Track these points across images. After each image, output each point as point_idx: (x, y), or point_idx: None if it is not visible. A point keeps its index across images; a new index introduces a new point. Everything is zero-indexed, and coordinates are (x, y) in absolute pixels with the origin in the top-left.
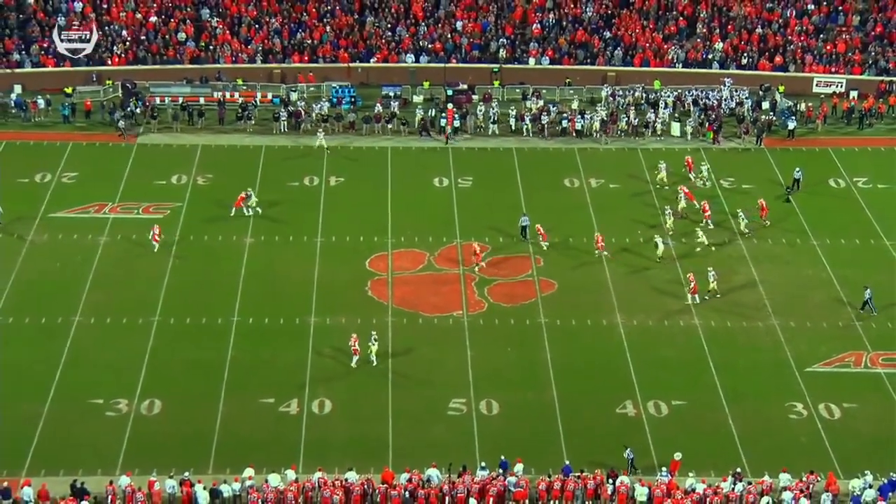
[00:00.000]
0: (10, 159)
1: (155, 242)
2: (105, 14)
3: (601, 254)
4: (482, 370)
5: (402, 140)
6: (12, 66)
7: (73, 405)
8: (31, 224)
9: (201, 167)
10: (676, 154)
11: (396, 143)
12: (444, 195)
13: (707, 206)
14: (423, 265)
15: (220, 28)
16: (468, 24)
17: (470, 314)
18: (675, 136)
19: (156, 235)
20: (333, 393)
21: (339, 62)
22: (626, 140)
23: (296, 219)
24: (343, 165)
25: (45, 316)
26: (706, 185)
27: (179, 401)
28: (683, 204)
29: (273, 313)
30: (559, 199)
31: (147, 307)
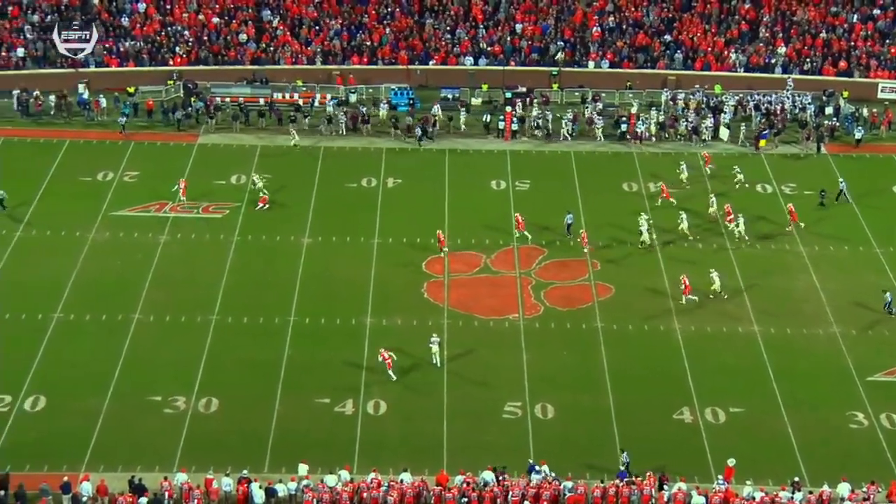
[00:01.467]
0: (74, 158)
1: (183, 197)
2: (168, 15)
3: (585, 249)
4: (538, 374)
5: (461, 142)
6: (76, 66)
7: (132, 402)
8: (92, 222)
9: (260, 167)
10: (724, 159)
11: (454, 144)
12: (502, 198)
13: (730, 208)
14: (479, 268)
15: (280, 29)
16: (528, 26)
17: (526, 317)
18: (722, 140)
19: (183, 190)
20: (388, 394)
21: (398, 64)
22: (685, 144)
23: (353, 220)
24: (401, 167)
25: (106, 313)
26: (740, 187)
27: (236, 399)
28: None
29: (329, 314)
30: (617, 203)
31: (205, 306)
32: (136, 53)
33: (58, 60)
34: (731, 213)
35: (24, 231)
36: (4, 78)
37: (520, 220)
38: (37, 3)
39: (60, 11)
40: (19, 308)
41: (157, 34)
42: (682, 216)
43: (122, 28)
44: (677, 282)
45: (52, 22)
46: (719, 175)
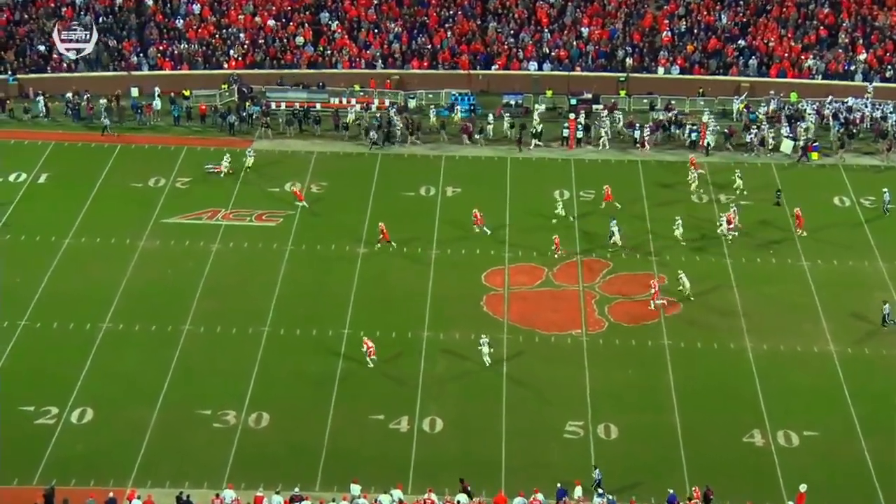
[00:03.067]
0: (125, 163)
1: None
2: (223, 17)
3: (556, 254)
4: (601, 392)
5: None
6: (130, 69)
7: (181, 415)
8: (143, 229)
9: (315, 175)
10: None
11: (516, 152)
12: (565, 208)
13: (732, 216)
14: (541, 281)
15: (338, 32)
16: (595, 30)
17: (589, 333)
18: (784, 152)
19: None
20: (445, 410)
21: (459, 68)
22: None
23: (410, 229)
24: (461, 176)
25: (156, 324)
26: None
27: (288, 414)
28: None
29: (385, 326)
30: (687, 215)
31: (257, 317)
32: (191, 56)
33: (111, 63)
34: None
35: (73, 238)
36: (56, 81)
37: (478, 215)
38: (91, 5)
39: (115, 13)
40: (67, 317)
41: (212, 37)
42: (678, 221)
43: (177, 30)
44: (750, 298)
45: (107, 24)
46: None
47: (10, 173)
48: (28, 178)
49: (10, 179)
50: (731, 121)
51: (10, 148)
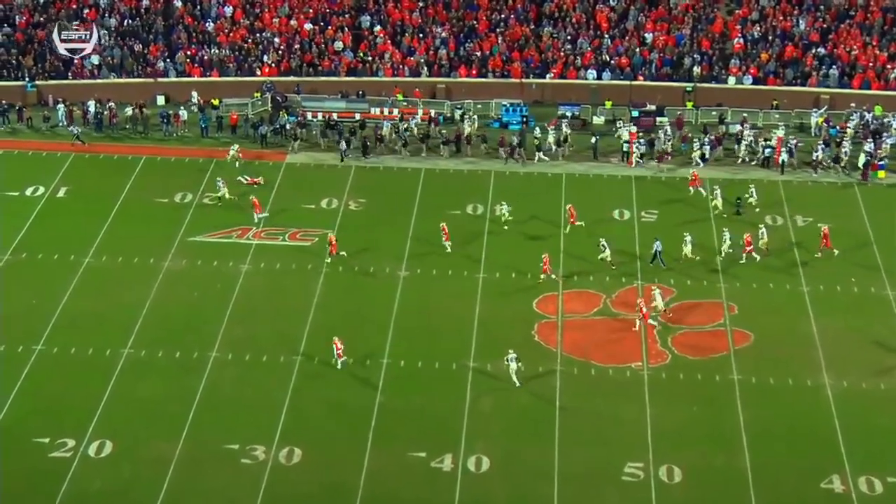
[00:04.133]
0: (150, 177)
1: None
2: (257, 20)
3: (548, 276)
4: (663, 431)
5: (579, 165)
6: (156, 75)
7: (207, 449)
8: (168, 249)
9: (354, 190)
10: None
11: (572, 168)
12: (625, 229)
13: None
14: (597, 308)
15: (380, 37)
16: (659, 36)
17: (651, 366)
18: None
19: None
20: (492, 448)
21: (510, 77)
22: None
23: (456, 251)
24: (512, 192)
25: (180, 350)
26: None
27: (321, 450)
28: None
29: (427, 356)
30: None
31: (290, 344)
32: (221, 62)
33: (136, 69)
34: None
35: (93, 257)
36: (77, 88)
37: (446, 230)
38: (115, 6)
39: (140, 15)
40: (86, 342)
41: (245, 41)
42: (687, 238)
43: (207, 34)
44: (828, 330)
45: (132, 27)
46: None
47: (28, 187)
48: (46, 191)
49: (28, 193)
50: (810, 136)
51: (28, 159)
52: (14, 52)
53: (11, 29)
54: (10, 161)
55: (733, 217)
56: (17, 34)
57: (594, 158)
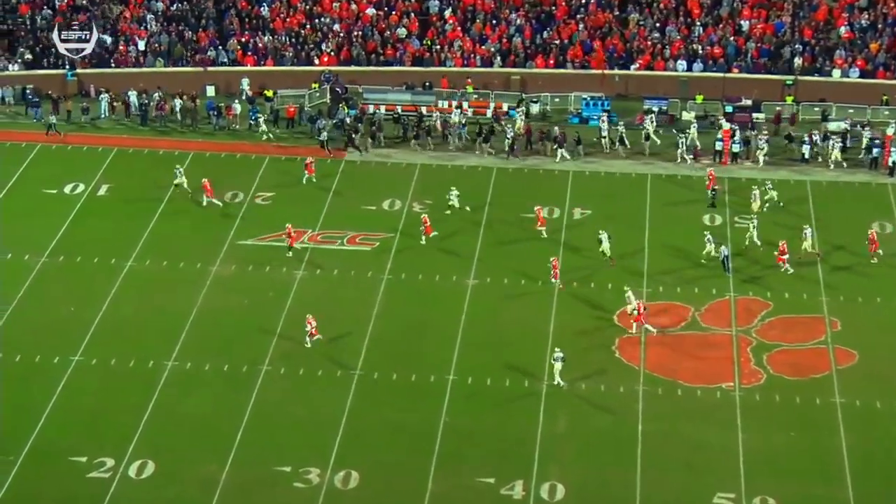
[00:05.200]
0: (198, 174)
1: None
2: (316, 4)
3: (553, 281)
4: (757, 458)
5: (666, 165)
6: (205, 64)
7: (257, 472)
8: (216, 253)
9: (419, 191)
10: None
11: (657, 168)
12: (716, 236)
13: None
14: (685, 322)
15: (449, 24)
16: (757, 24)
17: (743, 387)
18: None
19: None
20: (568, 475)
21: (591, 68)
22: None
23: (529, 258)
24: (592, 194)
25: (229, 363)
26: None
27: (381, 473)
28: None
29: (498, 373)
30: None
31: (347, 357)
32: (276, 50)
33: (184, 57)
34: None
35: (135, 261)
36: (121, 77)
37: (427, 221)
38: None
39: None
40: (127, 353)
41: (302, 27)
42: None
43: (261, 19)
44: None
45: (180, 11)
46: None
47: (66, 184)
48: (86, 189)
49: (66, 191)
50: None
51: (67, 154)
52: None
53: (52, 12)
54: (49, 156)
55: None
56: (56, 17)
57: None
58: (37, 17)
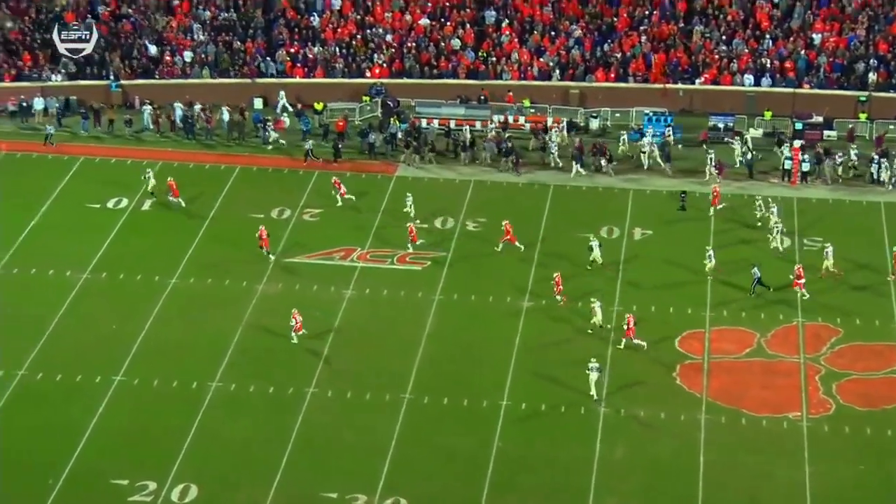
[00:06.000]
0: (245, 189)
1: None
2: (368, 14)
3: (557, 297)
4: (825, 492)
5: (732, 184)
6: (253, 75)
7: (302, 497)
8: (263, 270)
9: (472, 208)
10: None
11: (723, 188)
12: (782, 258)
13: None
14: (750, 349)
15: (506, 35)
16: (829, 37)
17: (811, 417)
18: None
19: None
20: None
21: (652, 82)
22: None
23: (588, 281)
24: (651, 214)
25: (274, 384)
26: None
27: (430, 501)
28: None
29: (552, 399)
30: None
31: (397, 381)
32: (327, 61)
33: (232, 68)
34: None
35: (179, 278)
36: (166, 88)
37: (413, 229)
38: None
39: (238, 7)
40: (170, 373)
41: (353, 38)
42: (709, 252)
43: (311, 29)
44: None
45: (228, 21)
46: None
47: (109, 199)
48: (130, 204)
49: (109, 206)
50: None
51: (110, 168)
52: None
53: (94, 20)
54: (92, 169)
55: None
56: (99, 25)
57: (750, 177)
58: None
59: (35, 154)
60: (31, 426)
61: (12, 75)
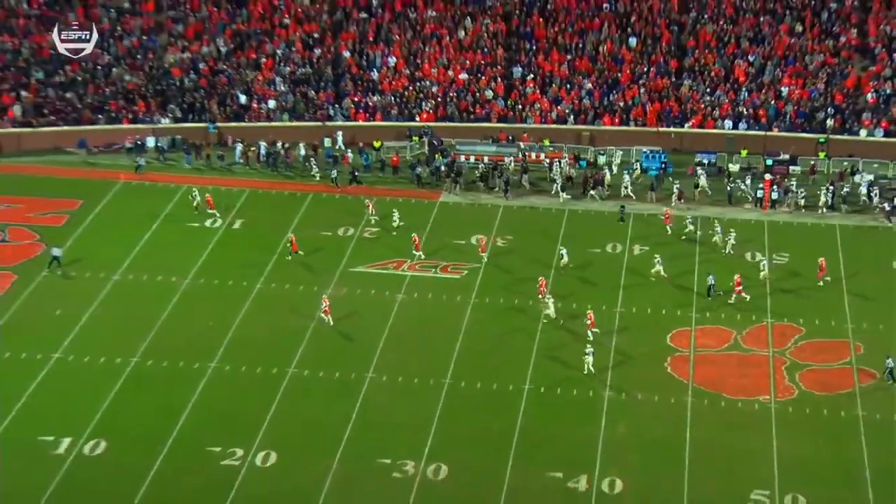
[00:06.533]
0: (317, 211)
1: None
2: (417, 70)
3: (543, 298)
4: (789, 462)
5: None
6: (324, 119)
7: (361, 464)
8: (331, 277)
9: (501, 228)
10: None
11: (706, 212)
12: (756, 271)
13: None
14: (728, 344)
15: (530, 87)
16: (795, 90)
17: (778, 400)
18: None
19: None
20: (626, 473)
21: (649, 126)
22: None
23: (596, 288)
24: (648, 232)
25: (339, 371)
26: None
27: (465, 467)
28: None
29: (566, 384)
30: (888, 284)
31: (439, 369)
32: (384, 108)
33: (307, 114)
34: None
35: (263, 284)
36: (253, 129)
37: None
38: (290, 56)
39: (312, 64)
40: (255, 361)
41: (405, 89)
42: (657, 259)
43: (372, 82)
44: None
45: (304, 75)
46: None
47: (207, 219)
48: (223, 223)
49: (207, 224)
50: None
51: (208, 194)
52: (197, 95)
53: (197, 76)
54: None
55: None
56: (201, 80)
57: (729, 203)
58: (185, 80)
59: (147, 183)
60: (142, 403)
61: (129, 119)
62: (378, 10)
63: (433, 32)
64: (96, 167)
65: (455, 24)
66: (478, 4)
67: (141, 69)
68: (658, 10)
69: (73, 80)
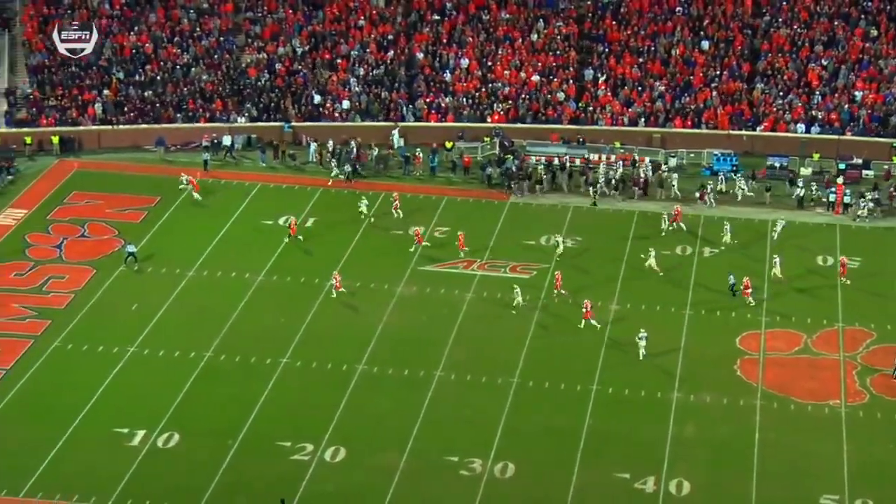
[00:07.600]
0: (388, 210)
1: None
2: (490, 72)
3: (556, 292)
4: (859, 467)
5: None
6: (397, 120)
7: (429, 461)
8: (401, 276)
9: (571, 229)
10: None
11: (783, 214)
12: (828, 275)
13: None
14: (799, 347)
15: (602, 89)
16: (869, 94)
17: (849, 404)
18: None
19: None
20: (694, 475)
21: (721, 129)
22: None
23: (666, 288)
24: (720, 236)
25: (408, 368)
26: None
27: (533, 466)
28: None
29: (634, 385)
30: None
31: (507, 367)
32: (456, 109)
33: (380, 114)
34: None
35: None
36: (328, 129)
37: (419, 232)
38: (364, 58)
39: (386, 65)
40: (325, 358)
41: (477, 90)
42: (651, 252)
43: (444, 83)
44: None
45: (378, 76)
46: None
47: (280, 216)
48: (296, 221)
49: (280, 222)
50: None
51: (282, 192)
52: (273, 95)
53: (272, 76)
54: (267, 193)
55: None
56: (277, 80)
57: (799, 206)
58: (261, 80)
59: (223, 180)
60: (215, 397)
61: (206, 118)
62: (452, 13)
63: (506, 35)
64: (173, 164)
65: (528, 27)
66: (551, 7)
67: (218, 69)
68: (731, 13)
69: (153, 80)
